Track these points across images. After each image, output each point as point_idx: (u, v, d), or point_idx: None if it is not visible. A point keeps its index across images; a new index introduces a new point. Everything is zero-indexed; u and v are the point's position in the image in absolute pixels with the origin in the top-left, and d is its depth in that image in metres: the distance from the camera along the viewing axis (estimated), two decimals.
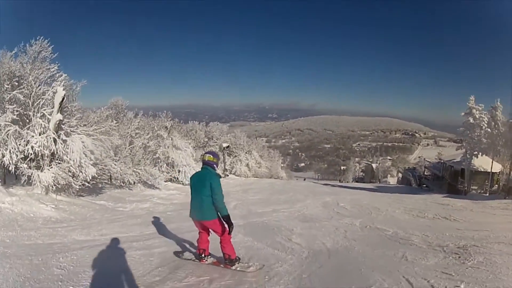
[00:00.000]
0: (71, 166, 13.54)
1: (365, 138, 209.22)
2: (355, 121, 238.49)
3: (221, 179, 6.06)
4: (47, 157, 13.40)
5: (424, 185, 42.94)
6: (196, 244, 6.80)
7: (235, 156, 41.54)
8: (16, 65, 13.81)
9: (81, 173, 13.78)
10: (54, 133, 13.34)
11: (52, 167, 13.28)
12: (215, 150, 37.25)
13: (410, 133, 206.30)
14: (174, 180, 26.29)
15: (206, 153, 6.33)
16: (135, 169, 20.71)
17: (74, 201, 13.45)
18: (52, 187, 12.95)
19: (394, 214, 13.28)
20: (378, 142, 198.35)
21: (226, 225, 5.92)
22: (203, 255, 6.44)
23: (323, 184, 32.33)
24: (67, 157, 13.52)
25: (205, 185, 5.79)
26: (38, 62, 14.01)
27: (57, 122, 13.63)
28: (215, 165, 6.13)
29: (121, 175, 19.36)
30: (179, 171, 26.02)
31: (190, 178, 6.29)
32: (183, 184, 25.44)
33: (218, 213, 5.89)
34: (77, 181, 13.81)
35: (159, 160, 25.67)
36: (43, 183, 12.73)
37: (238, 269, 6.13)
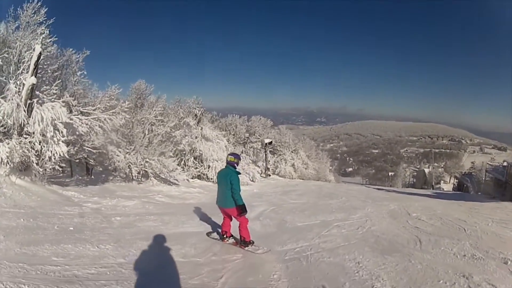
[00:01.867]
0: (35, 140, 10.95)
1: (413, 144, 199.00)
2: (402, 126, 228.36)
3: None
4: (15, 129, 10.98)
5: (484, 192, 36.77)
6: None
7: (280, 155, 36.78)
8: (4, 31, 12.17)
9: (47, 150, 11.07)
10: (19, 100, 10.84)
11: (12, 141, 10.70)
12: (257, 146, 34.10)
13: (457, 139, 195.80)
14: (203, 177, 22.05)
15: (229, 154, 7.78)
16: (147, 159, 16.84)
17: (31, 188, 10.57)
18: (6, 164, 10.55)
19: (492, 229, 9.02)
20: (425, 148, 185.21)
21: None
22: (225, 236, 7.79)
23: (377, 189, 27.31)
24: (29, 128, 10.99)
25: (227, 180, 7.09)
26: (30, 26, 12.25)
27: (30, 87, 11.13)
28: (235, 164, 7.40)
29: (125, 165, 15.97)
30: (208, 167, 21.75)
31: (218, 173, 7.81)
32: (213, 182, 21.08)
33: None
34: (43, 162, 11.23)
35: (184, 153, 21.53)
36: None
37: (249, 250, 7.18)
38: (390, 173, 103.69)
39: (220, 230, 8.15)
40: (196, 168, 22.05)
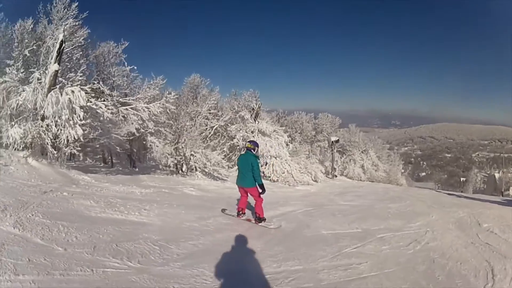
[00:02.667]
0: (51, 123, 10.88)
1: (484, 148, 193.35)
2: (475, 130, 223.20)
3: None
4: (31, 112, 11.14)
5: None
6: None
7: (348, 155, 34.36)
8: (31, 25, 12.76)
9: (62, 133, 10.88)
10: (39, 86, 11.06)
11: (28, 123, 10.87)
12: (324, 145, 32.16)
13: None
14: (263, 174, 20.08)
15: (248, 141, 8.78)
16: (193, 152, 15.86)
17: (40, 169, 10.16)
18: (19, 146, 10.61)
19: None
20: (495, 152, 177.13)
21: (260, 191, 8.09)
22: (240, 213, 8.57)
23: (447, 194, 24.50)
24: (46, 112, 10.83)
25: (248, 163, 7.92)
26: (61, 20, 12.62)
27: (53, 74, 11.26)
28: (253, 150, 8.19)
29: (161, 155, 15.54)
30: (266, 163, 19.95)
31: (238, 158, 8.66)
32: (271, 180, 19.68)
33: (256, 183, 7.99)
34: (59, 145, 11.13)
35: (239, 148, 20.27)
36: (9, 139, 10.50)
37: (262, 225, 8.04)
38: (462, 179, 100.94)
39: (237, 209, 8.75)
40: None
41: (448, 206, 13.80)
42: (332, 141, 29.65)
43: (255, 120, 21.18)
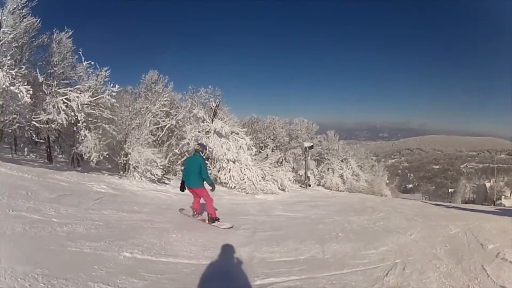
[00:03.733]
0: None
1: (472, 159, 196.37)
2: (463, 141, 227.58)
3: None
4: None
5: None
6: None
7: (326, 163, 31.76)
8: None
9: None
10: None
11: None
12: (298, 152, 29.61)
13: None
14: (218, 180, 18.06)
15: (196, 144, 10.01)
16: (129, 150, 14.42)
17: None
18: None
19: None
20: (484, 163, 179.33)
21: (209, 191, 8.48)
22: (195, 213, 8.80)
23: (435, 204, 22.23)
24: None
25: (196, 164, 8.17)
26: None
27: None
28: (200, 152, 8.52)
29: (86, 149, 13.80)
30: (222, 168, 18.05)
31: (185, 160, 9.80)
32: (228, 187, 17.76)
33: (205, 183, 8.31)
34: None
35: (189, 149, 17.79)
36: None
37: (215, 225, 8.19)
38: (450, 190, 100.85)
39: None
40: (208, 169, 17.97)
41: (434, 219, 11.46)
42: (306, 147, 26.91)
43: (212, 120, 18.96)
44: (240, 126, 22.64)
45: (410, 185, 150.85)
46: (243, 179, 17.84)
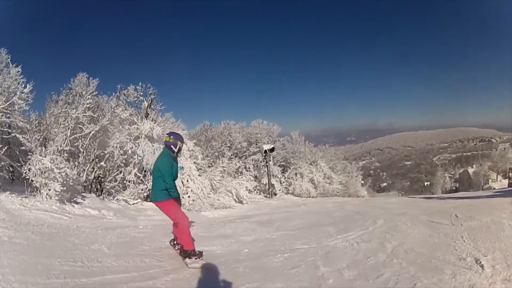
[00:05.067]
0: None
1: (445, 151, 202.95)
2: (432, 135, 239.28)
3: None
4: None
5: None
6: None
7: (294, 168, 28.63)
8: None
9: None
10: None
11: None
12: (259, 158, 26.29)
13: (486, 139, 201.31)
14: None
15: (167, 133, 6.35)
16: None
17: None
18: None
19: None
20: (457, 153, 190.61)
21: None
22: (175, 242, 6.36)
23: (424, 198, 19.56)
24: None
25: (156, 167, 5.90)
26: None
27: None
28: (172, 146, 6.06)
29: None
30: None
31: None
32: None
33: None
34: None
35: (113, 158, 14.80)
36: None
37: (187, 262, 5.77)
38: (426, 183, 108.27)
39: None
40: (142, 183, 14.99)
41: (442, 215, 9.64)
42: (266, 150, 22.96)
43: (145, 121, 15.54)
44: (189, 136, 20.15)
45: (384, 184, 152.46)
46: (186, 193, 14.49)
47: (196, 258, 5.80)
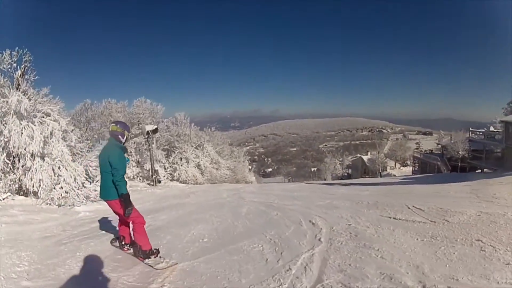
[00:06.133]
0: None
1: (331, 139, 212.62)
2: (319, 123, 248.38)
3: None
4: None
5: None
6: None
7: (178, 152, 27.25)
8: None
9: None
10: None
11: None
12: (138, 139, 24.35)
13: (378, 129, 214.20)
14: (24, 189, 12.30)
15: (112, 122, 5.84)
16: None
17: None
18: None
19: None
20: (345, 141, 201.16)
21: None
22: (123, 243, 6.11)
23: (326, 184, 19.24)
24: None
25: (104, 159, 5.42)
26: None
27: None
28: (119, 136, 5.64)
29: None
30: (26, 169, 12.30)
31: (100, 152, 5.81)
32: (37, 197, 12.17)
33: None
34: None
35: None
36: None
37: (150, 263, 5.46)
38: (312, 169, 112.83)
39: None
40: (12, 172, 12.28)
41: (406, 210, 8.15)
42: (148, 131, 20.91)
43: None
44: (69, 116, 17.79)
45: (270, 169, 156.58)
46: (59, 183, 12.40)
47: (155, 257, 5.56)
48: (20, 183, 12.27)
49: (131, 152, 23.32)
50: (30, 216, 9.90)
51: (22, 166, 12.15)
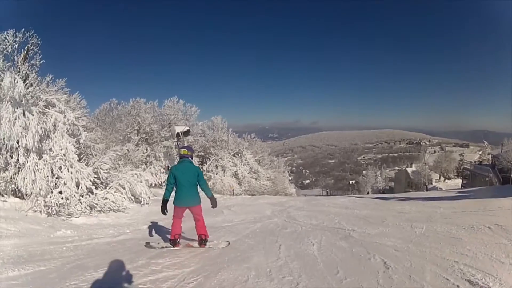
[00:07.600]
0: None
1: (370, 151, 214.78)
2: (357, 135, 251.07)
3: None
4: None
5: None
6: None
7: (214, 159, 24.99)
8: None
9: None
10: None
11: None
12: (168, 143, 23.06)
13: (415, 142, 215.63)
14: (17, 191, 10.29)
15: (181, 147, 6.95)
16: None
17: None
18: None
19: None
20: (383, 153, 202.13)
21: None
22: (178, 240, 6.72)
23: (377, 199, 16.26)
24: None
25: (193, 174, 6.31)
26: None
27: None
28: (190, 158, 6.64)
29: None
30: (20, 166, 10.22)
31: (171, 170, 6.54)
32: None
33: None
34: None
35: None
36: None
37: (211, 246, 6.50)
38: (351, 181, 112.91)
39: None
40: (4, 169, 10.32)
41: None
42: (178, 133, 17.98)
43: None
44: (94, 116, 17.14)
45: (307, 181, 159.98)
46: (57, 187, 9.99)
47: (212, 242, 6.74)
48: (16, 183, 10.19)
49: (159, 156, 21.24)
50: (3, 225, 7.53)
51: (15, 163, 9.91)
